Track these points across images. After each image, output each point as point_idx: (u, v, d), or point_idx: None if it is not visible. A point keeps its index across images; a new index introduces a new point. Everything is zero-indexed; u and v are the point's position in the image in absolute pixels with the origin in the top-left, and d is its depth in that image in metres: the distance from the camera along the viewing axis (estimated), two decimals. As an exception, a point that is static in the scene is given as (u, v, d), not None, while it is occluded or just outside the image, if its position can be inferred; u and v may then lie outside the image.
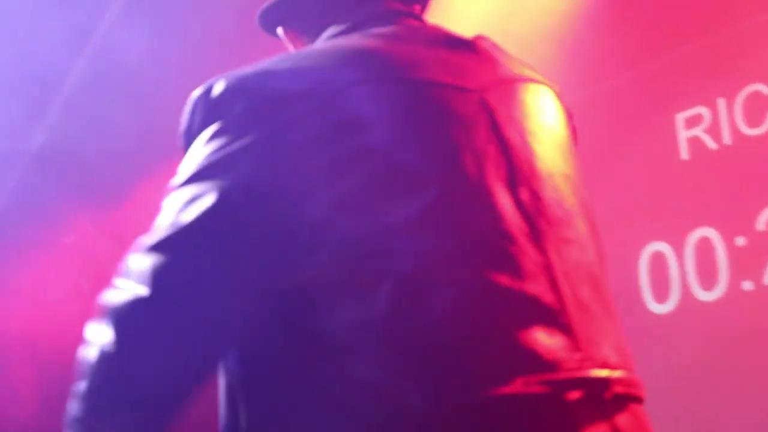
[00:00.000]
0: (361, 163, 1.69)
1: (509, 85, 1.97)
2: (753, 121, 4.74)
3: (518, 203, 1.77)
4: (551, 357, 1.60)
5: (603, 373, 1.65)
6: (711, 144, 4.83)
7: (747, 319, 4.60)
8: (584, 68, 5.48)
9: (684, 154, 4.96)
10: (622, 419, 1.63)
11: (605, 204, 4.74)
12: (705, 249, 4.75)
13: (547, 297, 1.69)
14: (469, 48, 2.00)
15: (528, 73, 2.06)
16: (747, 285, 4.51)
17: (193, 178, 1.71)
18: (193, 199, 1.69)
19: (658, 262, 4.95)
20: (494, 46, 2.06)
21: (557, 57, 5.50)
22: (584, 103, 5.26)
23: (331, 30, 2.08)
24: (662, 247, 4.94)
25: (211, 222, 1.66)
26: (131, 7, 5.80)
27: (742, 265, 4.60)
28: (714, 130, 4.83)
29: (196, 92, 1.84)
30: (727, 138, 4.79)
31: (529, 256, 1.71)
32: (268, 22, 2.29)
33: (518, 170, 1.81)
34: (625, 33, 5.37)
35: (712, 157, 4.88)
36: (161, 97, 5.75)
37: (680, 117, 4.97)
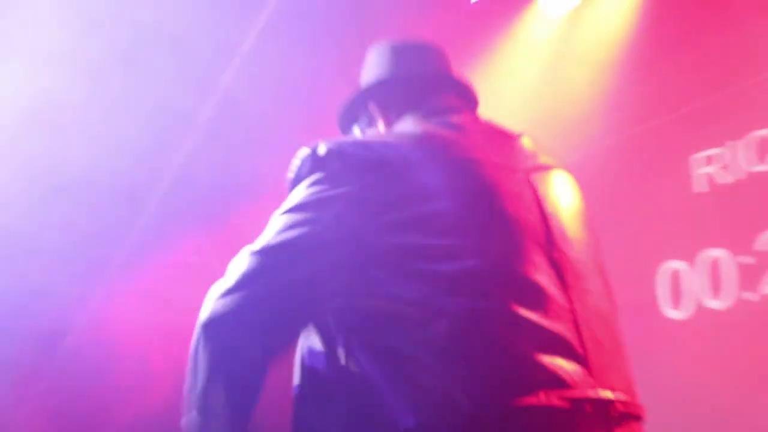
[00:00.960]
0: (426, 225, 1.95)
1: (545, 170, 2.28)
2: (758, 159, 4.88)
3: (551, 261, 2.07)
4: (569, 379, 1.86)
5: (610, 395, 1.91)
6: (720, 180, 5.01)
7: (749, 324, 4.75)
8: (620, 117, 5.60)
9: (697, 188, 5.12)
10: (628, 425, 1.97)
11: (634, 228, 5.18)
12: (714, 266, 4.96)
13: (570, 334, 1.96)
14: (515, 140, 2.33)
15: (555, 162, 2.38)
16: (750, 295, 4.73)
17: (295, 209, 2.01)
18: (292, 224, 1.98)
19: (675, 276, 5.15)
20: (533, 140, 2.37)
21: (595, 108, 5.67)
22: (619, 145, 5.61)
23: (409, 116, 2.37)
24: (679, 264, 5.14)
25: (303, 242, 1.96)
26: (249, 65, 5.94)
27: (746, 278, 4.80)
28: (725, 169, 5.01)
29: (305, 150, 2.13)
30: (735, 176, 4.95)
31: (558, 302, 1.99)
32: (360, 102, 2.55)
33: (552, 235, 2.12)
34: (651, 89, 5.42)
35: (722, 192, 5.03)
36: (268, 144, 5.97)
37: (693, 158, 5.15)
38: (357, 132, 2.60)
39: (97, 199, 5.82)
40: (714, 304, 4.93)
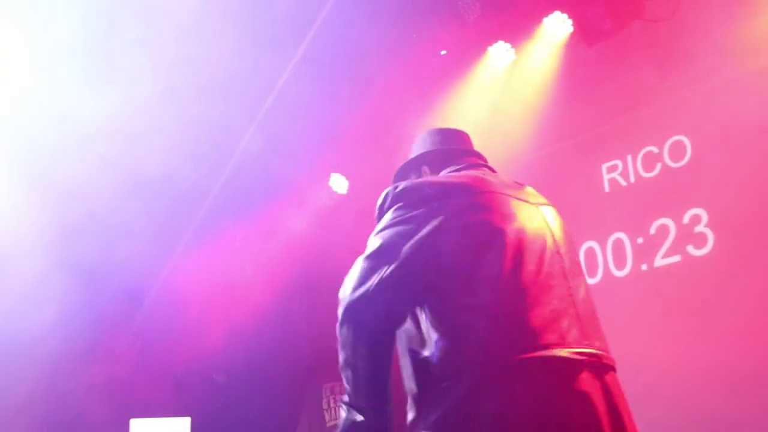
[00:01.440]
0: (486, 246, 2.15)
1: (545, 205, 2.49)
2: (648, 168, 5.25)
3: (561, 265, 2.27)
4: (571, 339, 2.07)
5: (598, 351, 2.10)
6: (621, 182, 5.39)
7: (642, 287, 5.13)
8: (549, 136, 5.86)
9: (606, 188, 5.48)
10: (607, 377, 2.10)
11: (563, 215, 5.56)
12: (618, 245, 5.34)
13: (571, 309, 2.16)
14: (523, 186, 2.53)
15: (548, 201, 2.55)
16: (644, 266, 5.16)
17: (385, 228, 2.23)
18: (390, 236, 2.18)
19: (590, 253, 5.50)
20: (532, 188, 2.56)
21: (533, 128, 5.93)
22: (548, 156, 5.88)
23: (448, 169, 2.60)
24: (593, 243, 5.51)
25: (386, 260, 2.13)
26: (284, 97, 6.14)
27: (640, 254, 5.20)
28: (624, 175, 5.38)
29: (388, 189, 2.35)
30: (632, 179, 5.34)
31: (564, 289, 2.20)
32: (415, 164, 2.76)
33: (557, 246, 2.33)
34: (570, 116, 5.73)
35: (624, 191, 5.37)
36: (296, 159, 6.17)
37: (604, 166, 5.50)
38: (425, 171, 2.76)
39: (169, 193, 5.99)
40: (617, 273, 5.33)
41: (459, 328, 2.06)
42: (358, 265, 2.18)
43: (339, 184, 6.69)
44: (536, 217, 2.36)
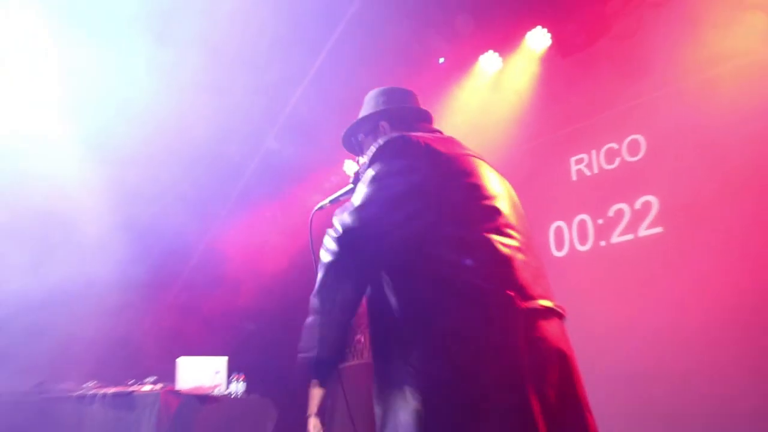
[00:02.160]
0: (454, 196, 2.03)
1: (484, 159, 2.30)
2: (609, 161, 5.21)
3: (521, 222, 2.16)
4: (539, 290, 2.00)
5: (552, 303, 2.02)
6: (586, 172, 5.36)
7: (604, 261, 5.08)
8: (527, 133, 5.82)
9: (573, 177, 5.43)
10: (563, 322, 2.08)
11: (537, 202, 5.16)
12: (582, 225, 5.29)
13: (534, 263, 2.08)
14: (462, 143, 2.31)
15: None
16: (603, 243, 5.12)
17: (377, 179, 2.06)
18: (377, 188, 2.04)
19: (559, 231, 5.45)
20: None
21: (516, 126, 5.89)
22: (527, 151, 5.80)
23: (406, 129, 2.34)
24: (561, 223, 5.44)
25: (385, 201, 2.01)
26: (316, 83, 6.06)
27: (600, 233, 5.15)
28: (589, 166, 5.34)
29: (384, 141, 2.16)
30: (595, 170, 5.30)
31: (526, 243, 2.09)
32: (373, 119, 2.55)
33: (518, 206, 2.24)
34: (545, 117, 5.72)
35: (588, 180, 5.32)
36: (321, 142, 5.99)
37: (572, 159, 5.45)
38: (384, 125, 2.54)
39: (213, 169, 5.97)
40: (581, 247, 5.29)
41: (464, 275, 1.92)
42: (353, 210, 2.02)
43: (350, 167, 6.70)
44: (502, 184, 2.25)
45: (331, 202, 2.54)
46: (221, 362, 5.15)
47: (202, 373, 5.10)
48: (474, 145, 2.72)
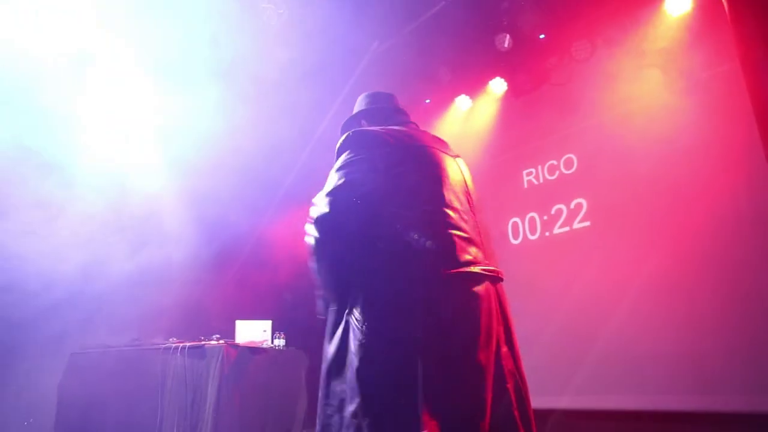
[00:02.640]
0: (404, 179, 1.92)
1: (459, 157, 2.21)
2: (551, 173, 5.21)
3: (469, 200, 2.05)
4: (477, 259, 1.88)
5: (494, 268, 1.92)
6: (534, 182, 5.34)
7: (548, 247, 5.07)
8: (491, 152, 5.75)
9: (525, 185, 5.41)
10: (498, 286, 1.95)
11: (499, 203, 5.35)
12: (532, 220, 5.28)
13: (478, 237, 1.95)
14: (442, 140, 2.22)
15: (458, 153, 2.23)
16: (547, 233, 5.09)
17: (342, 167, 1.94)
18: (341, 175, 1.92)
19: (515, 225, 5.36)
20: (447, 142, 2.22)
21: (483, 148, 5.80)
22: (494, 165, 5.69)
23: (384, 124, 2.22)
24: (516, 219, 5.41)
25: (349, 185, 1.88)
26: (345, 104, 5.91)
27: (545, 226, 5.15)
28: (536, 177, 5.33)
29: (343, 136, 2.02)
30: (541, 180, 5.28)
31: (474, 222, 1.98)
32: (356, 118, 2.37)
33: (467, 186, 2.10)
34: (503, 140, 5.66)
35: (536, 187, 5.29)
36: None
37: (524, 171, 5.44)
38: (364, 124, 2.39)
39: (258, 175, 5.77)
40: (531, 237, 5.25)
41: (401, 246, 1.82)
42: (324, 197, 1.90)
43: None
44: (454, 166, 2.12)
45: None
46: (267, 324, 5.13)
47: (254, 331, 5.06)
48: None
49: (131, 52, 4.68)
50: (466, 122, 6.02)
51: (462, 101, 5.99)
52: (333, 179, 1.91)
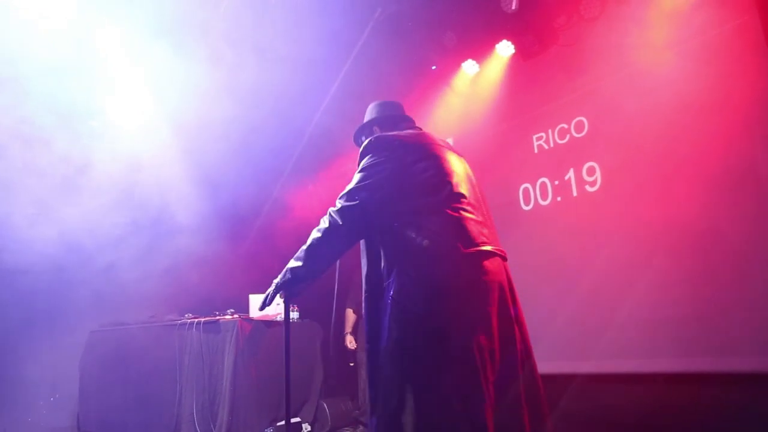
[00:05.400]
0: (423, 173, 2.12)
1: (461, 154, 2.40)
2: (561, 137, 5.13)
3: (478, 194, 2.25)
4: (486, 239, 2.09)
5: (500, 248, 2.13)
6: (545, 146, 5.27)
7: (560, 212, 5.02)
8: (499, 117, 5.69)
9: (535, 150, 5.34)
10: (505, 263, 2.15)
11: (510, 169, 5.30)
12: (543, 186, 5.21)
13: (487, 221, 2.17)
14: (446, 141, 2.40)
15: (460, 152, 2.42)
16: (559, 198, 5.05)
17: (366, 167, 2.16)
18: (367, 174, 2.14)
19: (526, 191, 5.36)
20: (451, 143, 2.36)
21: (491, 113, 5.77)
22: (500, 132, 5.65)
23: (395, 129, 2.43)
24: (527, 185, 5.35)
25: (371, 185, 2.10)
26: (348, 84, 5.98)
27: (557, 191, 5.08)
28: (547, 141, 5.25)
29: (366, 141, 2.26)
30: (551, 144, 5.20)
31: (482, 209, 2.18)
32: (368, 126, 2.61)
33: (475, 183, 2.30)
34: (513, 104, 5.58)
35: (547, 152, 5.23)
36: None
37: (534, 136, 5.36)
38: (376, 130, 2.59)
39: (273, 145, 5.79)
40: (542, 202, 5.21)
41: (427, 232, 2.02)
42: (350, 193, 2.12)
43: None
44: (459, 163, 2.32)
45: None
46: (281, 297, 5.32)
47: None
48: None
49: (141, 15, 4.66)
50: (474, 87, 5.94)
51: (469, 66, 5.91)
52: (359, 177, 2.14)
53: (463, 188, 2.17)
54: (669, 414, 3.81)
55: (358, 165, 2.22)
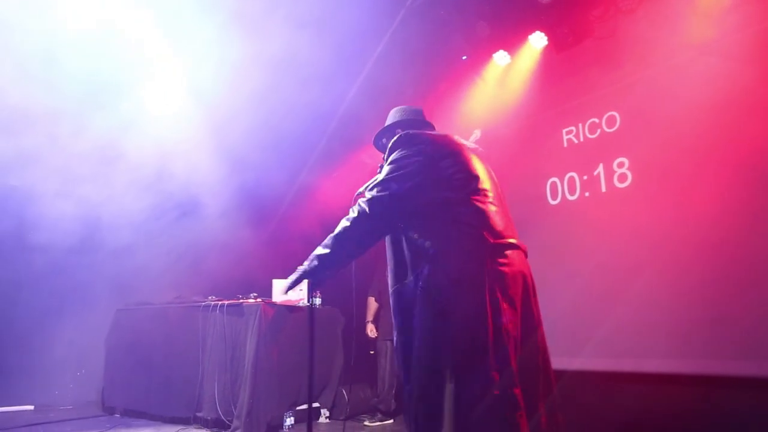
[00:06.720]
0: (449, 169, 2.17)
1: (482, 151, 2.44)
2: (592, 132, 5.07)
3: (499, 191, 2.30)
4: (507, 232, 2.13)
5: (517, 240, 2.17)
6: (574, 140, 5.23)
7: (588, 207, 4.98)
8: (528, 110, 5.67)
9: (565, 144, 5.31)
10: (524, 254, 2.20)
11: (538, 163, 5.28)
12: (571, 180, 5.18)
13: (508, 217, 2.21)
14: (465, 141, 2.41)
15: (481, 149, 2.46)
16: (587, 194, 5.02)
17: (395, 161, 2.21)
18: (397, 167, 2.19)
19: (553, 185, 5.31)
20: (475, 142, 2.44)
21: (521, 105, 5.75)
22: (530, 124, 5.62)
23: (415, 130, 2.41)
24: (555, 179, 5.31)
25: (401, 176, 2.14)
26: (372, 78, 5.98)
27: (585, 186, 5.05)
28: (576, 136, 5.21)
29: (398, 135, 2.31)
30: (581, 138, 5.16)
31: (503, 206, 2.23)
32: (392, 128, 2.67)
33: (491, 174, 2.35)
34: (543, 97, 5.54)
35: (576, 146, 5.20)
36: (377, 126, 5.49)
37: (564, 130, 5.32)
38: (399, 131, 2.60)
39: (299, 129, 5.83)
40: (570, 197, 5.18)
41: (456, 223, 2.07)
42: (380, 184, 2.17)
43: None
44: (482, 164, 2.35)
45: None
46: (303, 283, 5.30)
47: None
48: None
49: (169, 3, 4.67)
50: (505, 79, 5.92)
51: (500, 57, 5.90)
52: (389, 169, 2.18)
53: (487, 185, 2.21)
54: (710, 415, 3.73)
55: (386, 160, 2.28)
